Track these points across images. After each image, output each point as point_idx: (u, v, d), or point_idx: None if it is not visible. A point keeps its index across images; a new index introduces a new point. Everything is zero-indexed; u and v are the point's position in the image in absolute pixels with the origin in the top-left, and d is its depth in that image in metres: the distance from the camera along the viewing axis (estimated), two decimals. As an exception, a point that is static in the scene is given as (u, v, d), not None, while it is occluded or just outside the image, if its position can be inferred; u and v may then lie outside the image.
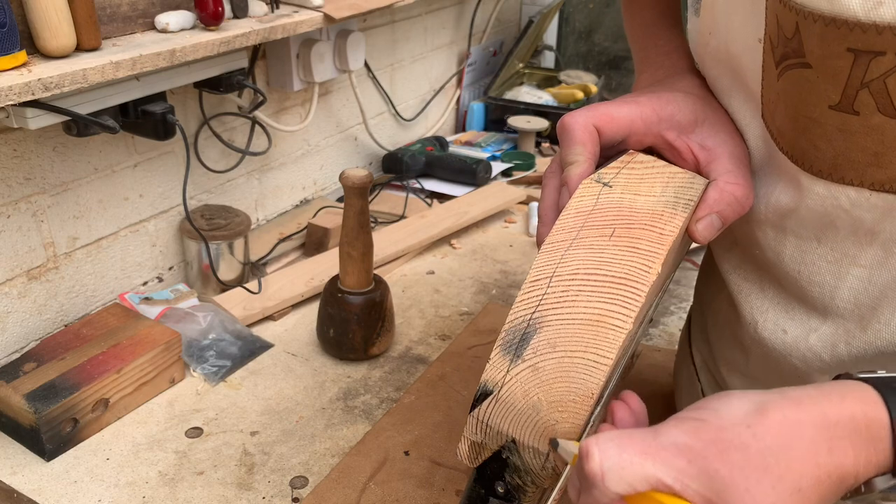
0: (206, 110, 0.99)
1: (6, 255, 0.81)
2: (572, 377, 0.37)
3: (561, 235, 0.41)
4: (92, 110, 0.76)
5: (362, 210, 0.82)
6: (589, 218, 0.42)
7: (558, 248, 0.40)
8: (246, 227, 0.99)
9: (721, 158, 0.49)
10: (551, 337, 0.38)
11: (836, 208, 0.45)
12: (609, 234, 0.40)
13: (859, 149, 0.42)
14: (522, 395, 0.38)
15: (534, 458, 0.39)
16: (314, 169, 1.25)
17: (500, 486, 0.42)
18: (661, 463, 0.34)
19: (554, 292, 0.39)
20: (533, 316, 0.39)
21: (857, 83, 0.39)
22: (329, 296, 0.87)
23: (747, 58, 0.47)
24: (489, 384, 0.39)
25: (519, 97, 1.62)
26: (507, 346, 0.39)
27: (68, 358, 0.77)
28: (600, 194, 0.43)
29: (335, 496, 0.68)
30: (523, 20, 1.79)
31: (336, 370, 0.87)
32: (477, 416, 0.40)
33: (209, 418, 0.79)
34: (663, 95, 0.51)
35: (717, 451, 0.34)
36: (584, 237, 0.40)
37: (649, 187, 0.44)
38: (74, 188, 0.86)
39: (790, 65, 0.43)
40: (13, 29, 0.66)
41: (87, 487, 0.70)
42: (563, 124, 0.49)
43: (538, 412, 0.38)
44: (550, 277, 0.39)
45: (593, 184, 0.44)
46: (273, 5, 0.95)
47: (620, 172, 0.45)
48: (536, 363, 0.38)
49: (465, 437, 0.41)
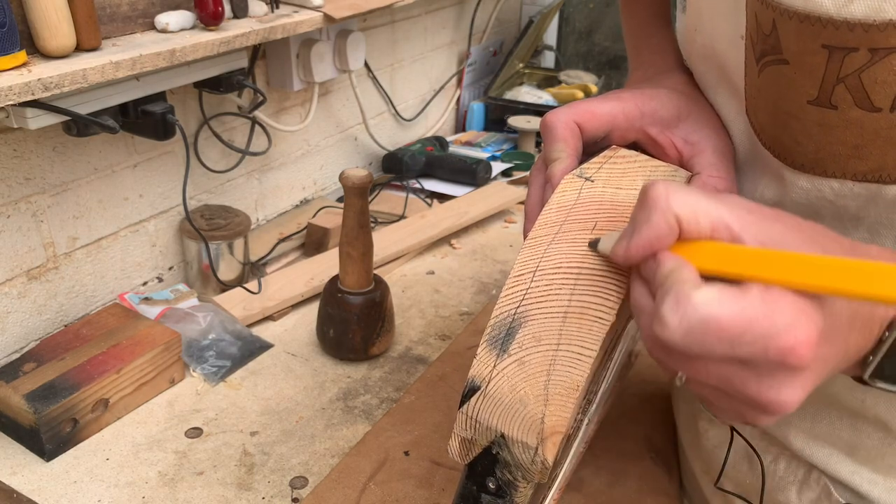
0: (206, 110, 0.99)
1: (6, 255, 0.81)
2: (557, 370, 0.38)
3: (544, 230, 0.41)
4: (92, 110, 0.76)
5: (362, 210, 0.82)
6: (571, 212, 0.42)
7: (541, 243, 0.40)
8: (246, 227, 0.99)
9: (704, 153, 0.50)
10: (536, 331, 0.38)
11: (821, 199, 0.46)
12: (591, 228, 0.41)
13: (839, 142, 0.42)
14: (509, 390, 0.38)
15: (523, 452, 0.39)
16: (314, 169, 1.25)
17: (491, 483, 0.42)
18: (725, 206, 0.35)
19: (538, 286, 0.39)
20: (517, 310, 0.39)
21: (833, 78, 0.40)
22: (329, 296, 0.87)
23: (731, 54, 0.48)
24: (476, 379, 0.39)
25: (519, 97, 1.62)
26: (493, 342, 0.39)
27: (68, 358, 0.77)
28: (582, 189, 0.43)
29: (335, 496, 0.68)
30: (523, 20, 1.79)
31: (336, 370, 0.87)
32: (466, 412, 0.40)
33: (209, 418, 0.79)
34: (647, 92, 0.52)
35: (774, 215, 0.36)
36: (567, 231, 0.41)
37: (631, 180, 0.44)
38: (74, 188, 0.86)
39: (769, 61, 0.43)
40: (13, 29, 0.66)
41: (87, 487, 0.70)
42: (546, 122, 0.50)
43: (525, 406, 0.38)
44: (534, 272, 0.40)
45: (575, 179, 0.44)
46: (273, 5, 0.95)
47: (602, 167, 0.45)
48: (522, 357, 0.38)
49: (455, 434, 0.41)
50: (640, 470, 0.70)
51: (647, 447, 0.72)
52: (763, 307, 0.32)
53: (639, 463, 0.70)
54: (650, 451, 0.72)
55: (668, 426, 0.75)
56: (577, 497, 0.67)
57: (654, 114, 0.51)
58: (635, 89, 0.52)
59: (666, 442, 0.73)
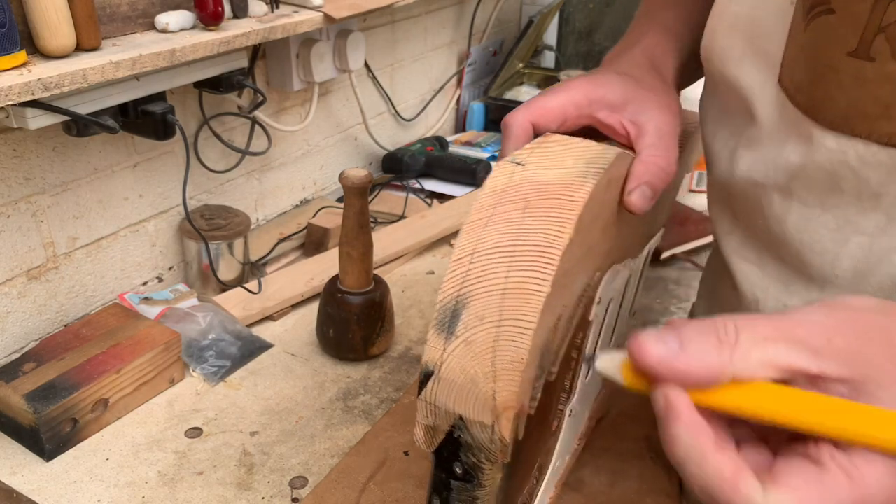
0: (206, 110, 0.99)
1: (6, 255, 0.81)
2: (502, 346, 0.38)
3: (478, 214, 0.42)
4: (92, 110, 0.76)
5: (362, 210, 0.82)
6: (503, 195, 0.43)
7: (476, 227, 0.41)
8: (246, 227, 0.99)
9: (647, 133, 0.53)
10: (478, 310, 0.39)
11: (844, 166, 0.47)
12: (523, 208, 0.42)
13: (872, 99, 0.43)
14: (460, 371, 0.39)
15: (481, 432, 0.40)
16: (314, 169, 1.25)
17: (458, 468, 0.42)
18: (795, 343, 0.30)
19: (476, 268, 0.40)
20: (460, 293, 0.40)
21: (874, 27, 0.41)
22: (329, 296, 0.87)
23: (772, 21, 0.50)
24: (429, 364, 0.40)
25: (519, 97, 1.62)
26: (440, 326, 0.40)
27: (68, 358, 0.77)
28: (513, 173, 0.44)
29: (335, 496, 0.68)
30: (523, 20, 1.79)
31: (336, 370, 0.87)
32: (424, 399, 0.41)
33: (209, 418, 0.79)
34: (596, 79, 0.55)
35: (858, 330, 0.30)
36: (500, 213, 0.42)
37: (561, 161, 0.46)
38: (74, 188, 0.86)
39: (817, 13, 0.45)
40: (13, 29, 0.66)
41: (87, 487, 0.70)
42: (504, 123, 0.54)
43: (476, 385, 0.39)
44: (472, 254, 0.41)
45: (507, 164, 0.45)
46: (273, 5, 0.95)
47: (534, 152, 0.47)
48: (468, 337, 0.39)
49: (418, 423, 0.42)
50: (639, 470, 0.70)
51: (647, 447, 0.72)
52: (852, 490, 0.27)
53: (638, 463, 0.70)
54: (650, 452, 0.72)
55: (667, 426, 0.75)
56: (577, 497, 0.67)
57: (602, 99, 0.54)
58: (586, 76, 0.56)
59: (666, 442, 0.73)
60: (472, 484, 0.43)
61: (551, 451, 0.58)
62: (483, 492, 0.43)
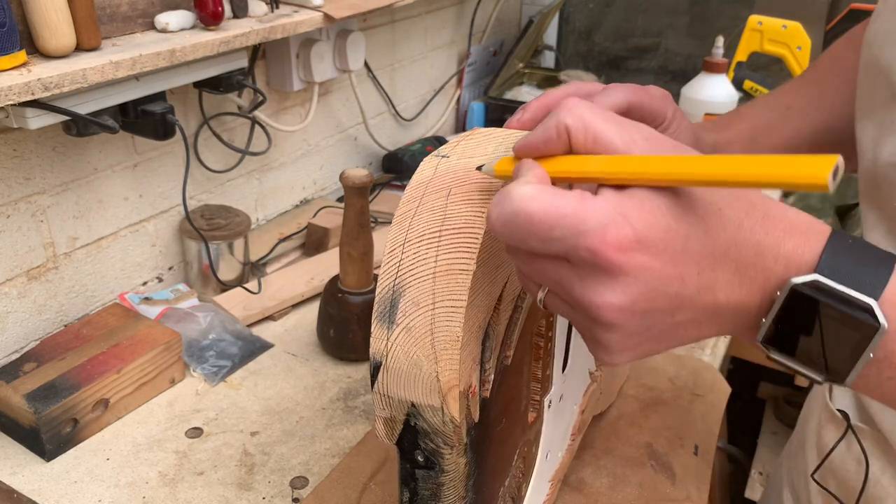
0: (206, 110, 0.99)
1: (6, 255, 0.81)
2: (438, 327, 0.40)
3: (406, 207, 0.44)
4: (92, 110, 0.76)
5: (362, 210, 0.82)
6: (429, 186, 0.44)
7: (405, 218, 0.43)
8: (246, 227, 0.99)
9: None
10: (414, 296, 0.41)
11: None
12: (447, 195, 0.43)
13: None
14: (405, 357, 0.41)
15: (433, 415, 0.41)
16: (314, 169, 1.24)
17: (419, 456, 0.44)
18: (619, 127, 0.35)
19: (408, 256, 0.42)
20: (395, 282, 0.41)
21: None
22: (329, 296, 0.87)
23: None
24: (377, 355, 0.41)
25: (519, 97, 1.62)
26: (381, 316, 0.41)
27: (68, 358, 0.77)
28: (438, 165, 0.46)
29: (335, 496, 0.68)
30: (523, 20, 1.79)
31: (336, 370, 0.87)
32: (377, 391, 0.42)
33: (209, 418, 0.79)
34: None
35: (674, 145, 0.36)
36: (426, 202, 0.43)
37: (483, 149, 0.47)
38: (74, 188, 0.86)
39: None
40: (13, 29, 0.66)
41: (87, 488, 0.70)
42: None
43: (420, 369, 0.40)
44: (403, 244, 0.42)
45: (433, 158, 0.47)
46: (273, 5, 0.94)
47: (459, 144, 0.48)
48: (408, 324, 0.40)
49: (377, 417, 0.43)
50: (640, 478, 0.70)
51: (648, 454, 0.72)
52: (577, 205, 0.33)
53: (640, 471, 0.70)
54: (650, 459, 0.72)
55: (668, 434, 0.75)
56: (579, 497, 0.67)
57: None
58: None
59: (666, 450, 0.73)
60: (435, 470, 0.44)
61: (534, 443, 0.58)
62: (447, 477, 0.44)
